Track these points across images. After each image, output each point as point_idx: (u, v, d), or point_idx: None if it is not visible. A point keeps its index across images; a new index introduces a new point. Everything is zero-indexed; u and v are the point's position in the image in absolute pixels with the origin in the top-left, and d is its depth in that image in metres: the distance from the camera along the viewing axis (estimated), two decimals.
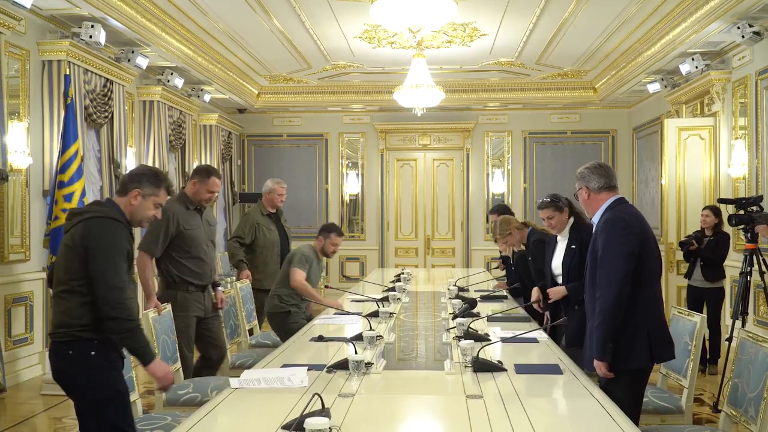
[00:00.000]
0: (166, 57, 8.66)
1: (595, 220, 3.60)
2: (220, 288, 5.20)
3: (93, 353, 3.10)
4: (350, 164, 12.88)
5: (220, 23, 8.57)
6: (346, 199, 12.82)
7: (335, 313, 5.37)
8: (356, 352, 3.55)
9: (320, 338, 4.31)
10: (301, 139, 12.89)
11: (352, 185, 12.81)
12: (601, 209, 3.56)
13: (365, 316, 4.73)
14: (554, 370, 3.47)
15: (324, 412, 2.56)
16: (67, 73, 6.73)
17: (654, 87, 9.81)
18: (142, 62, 8.23)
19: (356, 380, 3.28)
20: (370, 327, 4.30)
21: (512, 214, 6.65)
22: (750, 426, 3.16)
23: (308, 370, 3.46)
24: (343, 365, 3.42)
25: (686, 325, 4.07)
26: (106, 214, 3.16)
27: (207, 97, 10.58)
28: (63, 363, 3.13)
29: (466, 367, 3.46)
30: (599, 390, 3.08)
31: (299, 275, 5.72)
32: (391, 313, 5.23)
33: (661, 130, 10.61)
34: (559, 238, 4.71)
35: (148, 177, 3.32)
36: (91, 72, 7.47)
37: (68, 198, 6.23)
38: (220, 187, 5.08)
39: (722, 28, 7.33)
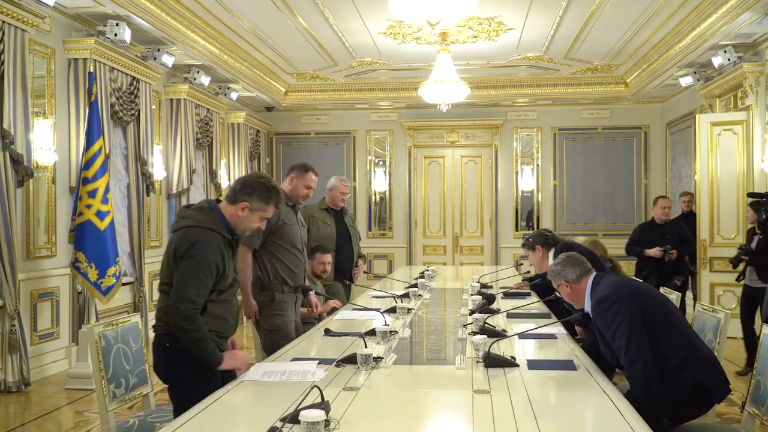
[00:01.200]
0: (192, 55, 8.71)
1: (588, 308, 3.57)
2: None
3: (168, 345, 3.24)
4: (378, 162, 12.84)
5: (245, 21, 8.60)
6: (377, 198, 12.76)
7: (354, 309, 5.34)
8: (366, 347, 3.50)
9: (327, 332, 4.28)
10: (328, 137, 12.89)
11: (379, 183, 12.77)
12: (587, 295, 3.55)
13: (383, 312, 4.70)
14: (568, 366, 3.38)
15: (323, 404, 2.52)
16: (91, 70, 6.79)
17: (687, 80, 9.60)
18: (168, 60, 8.29)
19: (364, 374, 3.24)
20: (386, 322, 4.26)
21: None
22: None
23: (318, 364, 3.43)
24: (352, 359, 3.39)
25: (710, 321, 3.95)
26: (205, 224, 3.23)
27: (234, 95, 10.64)
28: (159, 353, 3.31)
29: (477, 362, 3.40)
30: (612, 387, 2.99)
31: None
32: (409, 309, 5.20)
33: (694, 125, 10.39)
34: None
35: (260, 192, 3.33)
36: (117, 70, 7.54)
37: (92, 194, 6.29)
38: (316, 183, 5.05)
39: (754, 19, 7.13)
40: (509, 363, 3.36)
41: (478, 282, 6.74)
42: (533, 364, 3.40)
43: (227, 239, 3.31)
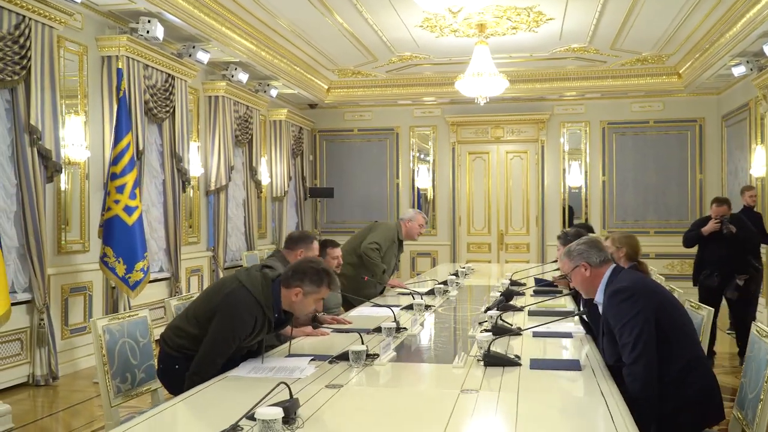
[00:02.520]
0: (228, 52, 8.72)
1: (599, 298, 3.35)
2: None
3: (177, 366, 3.38)
4: (421, 158, 12.67)
5: (280, 18, 8.57)
6: (429, 195, 12.60)
7: (373, 305, 5.21)
8: (363, 343, 3.37)
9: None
10: (371, 134, 12.79)
11: (423, 180, 12.60)
12: (602, 284, 3.33)
13: (400, 309, 4.58)
14: (573, 366, 3.19)
15: (290, 402, 2.40)
16: (120, 66, 6.85)
17: (739, 70, 9.13)
18: (204, 57, 8.32)
19: (355, 372, 3.11)
20: (395, 318, 4.12)
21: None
22: (751, 429, 2.80)
23: (311, 360, 3.33)
24: (345, 356, 3.26)
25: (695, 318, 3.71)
26: (257, 294, 3.29)
27: (274, 92, 10.63)
28: (166, 368, 3.48)
29: (478, 361, 3.23)
30: (615, 390, 2.78)
31: None
32: (428, 306, 5.05)
33: (749, 117, 9.90)
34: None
35: (311, 276, 3.33)
36: (152, 67, 7.59)
37: (120, 189, 6.33)
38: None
39: None
40: (510, 362, 3.19)
41: (509, 279, 6.54)
42: (536, 364, 3.21)
43: (269, 318, 3.34)
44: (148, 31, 7.22)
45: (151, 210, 7.90)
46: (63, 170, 6.42)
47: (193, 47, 8.17)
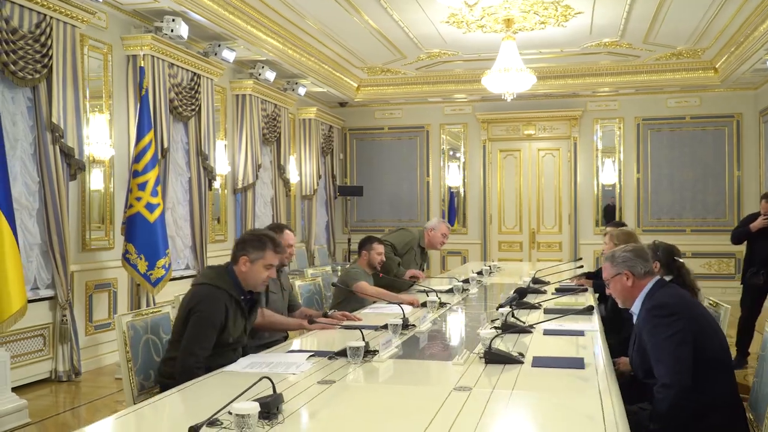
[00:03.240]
0: (255, 51, 8.75)
1: (635, 309, 3.22)
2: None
3: None
4: (452, 156, 12.56)
5: (306, 16, 8.57)
6: (459, 193, 12.50)
7: (389, 303, 5.15)
8: (363, 339, 3.32)
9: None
10: (402, 132, 12.72)
11: (453, 178, 12.49)
12: (641, 296, 3.18)
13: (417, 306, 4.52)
14: (576, 364, 3.09)
15: (273, 397, 2.37)
16: (142, 65, 6.91)
17: None
18: (229, 56, 8.35)
19: (351, 368, 3.06)
20: (404, 315, 4.07)
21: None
22: (760, 429, 2.68)
23: (311, 356, 3.29)
24: (345, 352, 3.22)
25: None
26: (214, 283, 3.38)
27: (302, 91, 10.64)
28: None
29: (480, 358, 3.15)
30: (615, 390, 2.67)
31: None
32: (443, 303, 4.98)
33: None
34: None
35: (251, 243, 3.47)
36: (177, 66, 7.65)
37: (142, 187, 6.38)
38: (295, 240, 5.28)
39: None
40: (512, 359, 3.11)
41: (532, 277, 6.43)
42: (539, 361, 3.12)
43: (236, 298, 3.39)
44: (172, 30, 7.27)
45: (177, 208, 7.96)
46: (86, 168, 6.50)
47: (219, 46, 8.21)
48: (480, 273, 7.20)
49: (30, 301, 5.85)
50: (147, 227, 6.38)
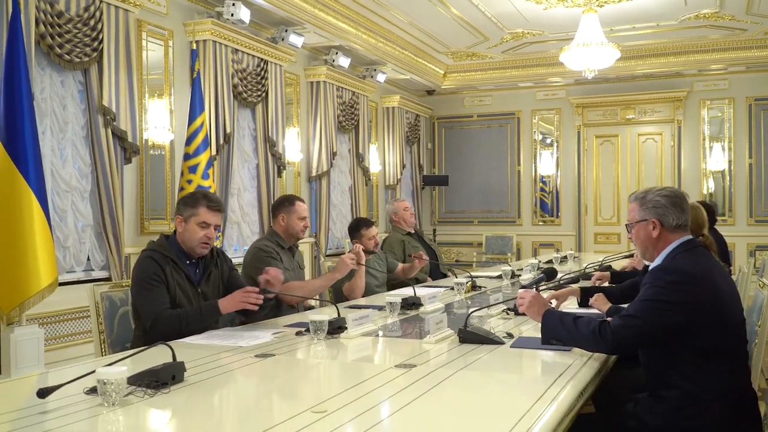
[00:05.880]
0: (326, 36, 8.62)
1: (653, 264, 2.67)
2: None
3: None
4: (544, 143, 11.95)
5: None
6: (552, 182, 11.90)
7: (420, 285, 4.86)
8: (339, 316, 3.04)
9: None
10: (492, 119, 12.23)
11: (545, 166, 11.87)
12: (665, 252, 2.62)
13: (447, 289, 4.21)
14: (561, 346, 2.66)
15: (170, 364, 2.15)
16: (200, 50, 6.92)
17: None
18: (297, 41, 8.26)
19: (308, 344, 2.80)
20: (415, 294, 3.78)
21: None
22: None
23: (276, 332, 3.05)
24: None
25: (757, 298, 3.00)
26: (149, 247, 3.35)
27: (381, 78, 10.41)
28: None
29: (459, 337, 2.81)
30: (586, 379, 2.26)
31: None
32: (476, 286, 4.63)
33: None
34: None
35: (184, 201, 3.41)
36: (242, 51, 7.63)
37: (193, 169, 6.38)
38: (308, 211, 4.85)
39: None
40: (489, 340, 2.74)
41: (593, 265, 5.92)
42: (521, 342, 2.75)
43: (172, 259, 3.28)
44: (232, 14, 7.25)
45: (243, 194, 7.95)
46: (145, 152, 6.57)
47: (286, 31, 8.13)
48: (549, 261, 6.73)
49: (81, 282, 5.96)
50: None
